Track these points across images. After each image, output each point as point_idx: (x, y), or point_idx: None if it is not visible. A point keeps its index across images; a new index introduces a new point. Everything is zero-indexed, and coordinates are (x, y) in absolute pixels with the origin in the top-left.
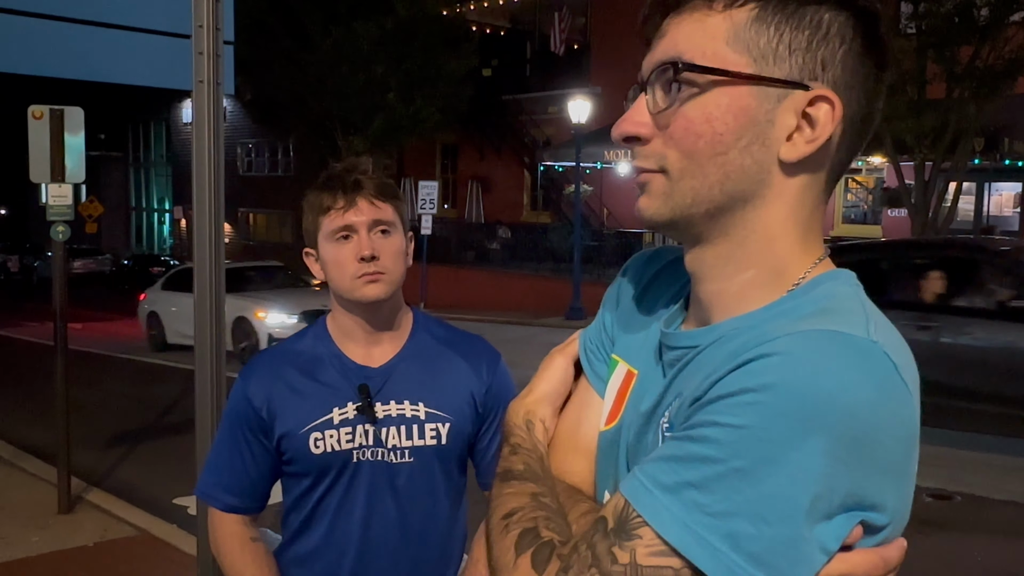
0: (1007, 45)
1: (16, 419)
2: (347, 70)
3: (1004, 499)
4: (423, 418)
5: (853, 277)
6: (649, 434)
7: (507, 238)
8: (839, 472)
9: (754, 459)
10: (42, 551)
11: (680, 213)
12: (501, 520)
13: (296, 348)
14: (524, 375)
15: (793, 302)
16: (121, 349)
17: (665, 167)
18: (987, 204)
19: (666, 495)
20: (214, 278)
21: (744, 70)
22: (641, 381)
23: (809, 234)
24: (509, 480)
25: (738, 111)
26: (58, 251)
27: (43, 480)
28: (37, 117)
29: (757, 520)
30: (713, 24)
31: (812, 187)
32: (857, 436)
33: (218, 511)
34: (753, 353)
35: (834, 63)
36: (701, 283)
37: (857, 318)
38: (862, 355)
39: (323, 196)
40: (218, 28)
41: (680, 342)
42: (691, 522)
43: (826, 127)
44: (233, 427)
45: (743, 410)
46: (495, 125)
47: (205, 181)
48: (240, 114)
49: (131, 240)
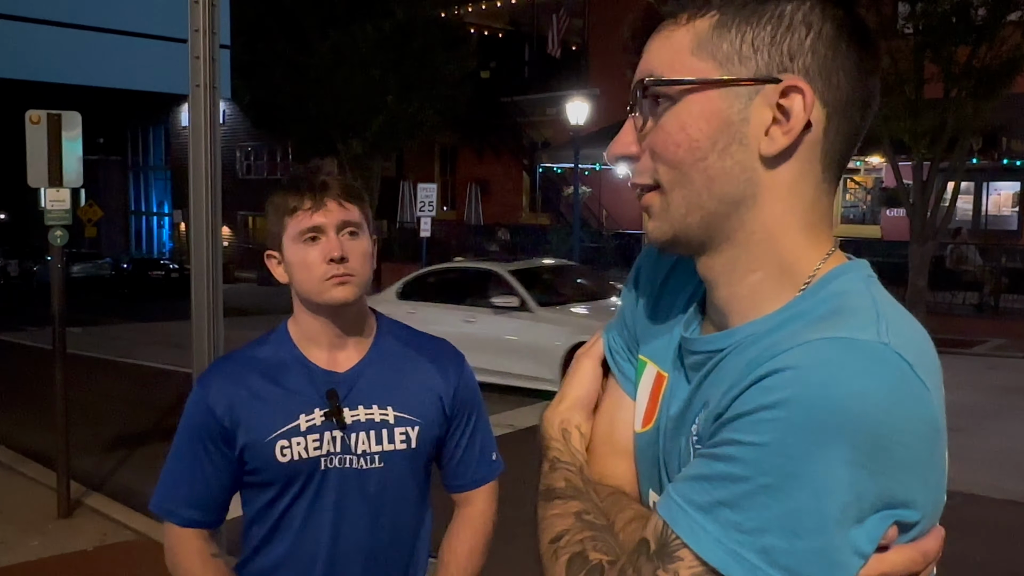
0: (1004, 45)
1: (15, 423)
2: (345, 73)
3: (1003, 499)
4: (392, 422)
5: (866, 267)
6: (680, 439)
7: (507, 240)
8: (862, 478)
9: (778, 475)
10: (41, 555)
11: (679, 226)
12: (549, 545)
13: (257, 354)
14: None
15: (805, 303)
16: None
17: (658, 180)
18: (985, 203)
19: (701, 515)
20: (211, 282)
21: (710, 75)
22: (670, 386)
23: (813, 228)
24: (552, 499)
25: (710, 115)
26: (56, 256)
27: (42, 484)
28: (35, 122)
29: (788, 534)
30: (678, 37)
31: (805, 178)
32: (876, 440)
33: (176, 526)
34: (766, 368)
35: (803, 52)
36: (714, 289)
37: (867, 319)
38: (873, 360)
39: (289, 197)
40: (214, 32)
41: (700, 347)
42: (727, 540)
43: (799, 115)
44: (192, 437)
45: (762, 427)
46: (494, 127)
47: (202, 185)
48: (239, 117)
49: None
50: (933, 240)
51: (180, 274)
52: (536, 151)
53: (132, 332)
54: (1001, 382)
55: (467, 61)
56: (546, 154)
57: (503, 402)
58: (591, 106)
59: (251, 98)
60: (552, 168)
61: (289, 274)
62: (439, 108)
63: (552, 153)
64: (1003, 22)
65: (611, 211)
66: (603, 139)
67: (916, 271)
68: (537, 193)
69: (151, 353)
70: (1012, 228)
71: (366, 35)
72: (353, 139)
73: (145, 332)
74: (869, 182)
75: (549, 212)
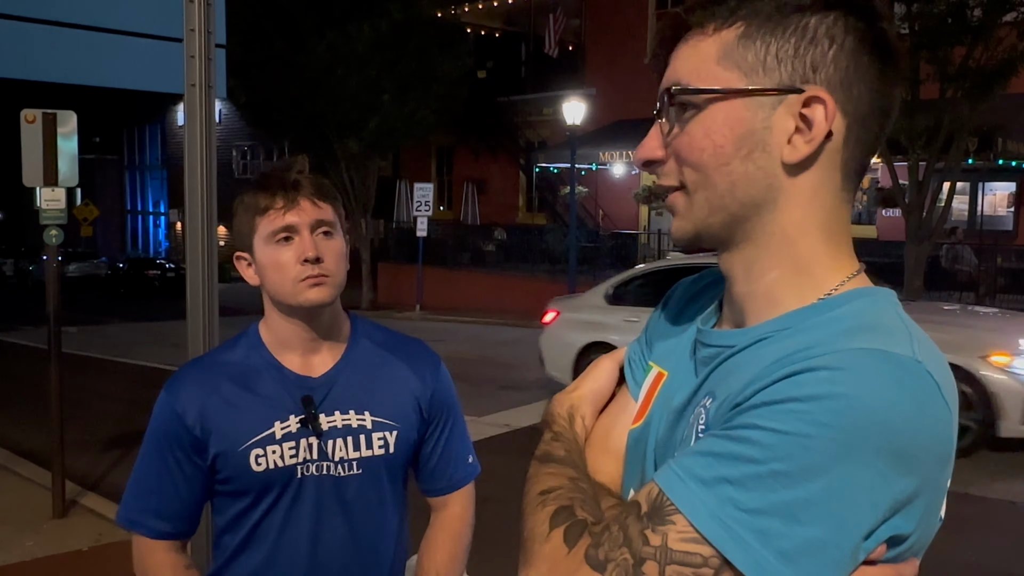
0: (1000, 45)
1: (10, 423)
2: (342, 72)
3: (1000, 498)
4: (370, 427)
5: (893, 296)
6: (679, 429)
7: (503, 240)
8: (878, 485)
9: (794, 464)
10: (36, 555)
11: (701, 225)
12: (538, 495)
13: (227, 359)
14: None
15: (830, 312)
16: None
17: (683, 182)
18: (981, 204)
19: (701, 487)
20: (207, 281)
21: (735, 85)
22: (671, 380)
23: (833, 236)
24: (548, 462)
25: (734, 123)
26: (51, 255)
27: (37, 484)
28: (30, 121)
29: (790, 520)
30: (705, 47)
31: (825, 186)
32: (898, 452)
33: (146, 538)
34: (801, 365)
35: (825, 64)
36: (733, 285)
37: (901, 336)
38: (907, 374)
39: (260, 196)
40: (209, 31)
41: (716, 340)
42: (723, 515)
43: (821, 125)
44: (160, 446)
45: (787, 417)
46: (490, 127)
47: (198, 184)
48: (235, 117)
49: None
50: (929, 240)
51: (176, 273)
52: (532, 151)
53: (128, 331)
54: None
55: (464, 61)
56: (542, 154)
57: (498, 401)
58: (587, 106)
59: (247, 98)
60: (548, 168)
61: (261, 276)
62: (436, 108)
63: (549, 153)
64: (998, 22)
65: (607, 211)
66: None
67: (912, 271)
68: (533, 193)
69: (147, 352)
70: (1007, 228)
71: (362, 35)
72: (349, 138)
73: (141, 331)
74: (865, 182)
75: (545, 212)
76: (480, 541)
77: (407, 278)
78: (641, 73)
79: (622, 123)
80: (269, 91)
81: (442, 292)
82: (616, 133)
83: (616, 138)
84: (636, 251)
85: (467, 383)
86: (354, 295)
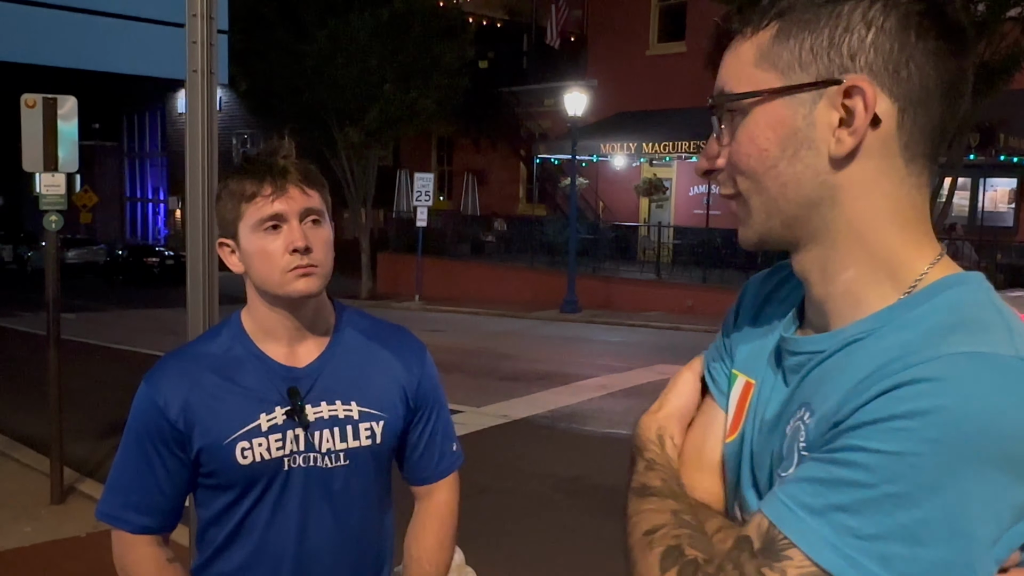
0: (1003, 41)
1: (9, 409)
2: (343, 61)
3: None
4: (357, 418)
5: (983, 280)
6: (774, 442)
7: (503, 231)
8: (998, 496)
9: (908, 485)
10: (35, 541)
11: (764, 230)
12: (644, 536)
13: (210, 350)
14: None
15: (919, 309)
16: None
17: (739, 190)
18: (982, 200)
19: (813, 518)
20: (207, 269)
21: (772, 85)
22: (761, 390)
23: (908, 224)
24: (647, 496)
25: (775, 124)
26: (51, 241)
27: (36, 470)
28: (30, 106)
29: (911, 543)
30: (743, 51)
31: (886, 174)
32: (1012, 458)
33: (127, 533)
34: (901, 378)
35: (864, 50)
36: (811, 287)
37: (1001, 333)
38: (1012, 376)
39: (247, 182)
40: (212, 17)
41: (802, 347)
42: (842, 545)
43: (861, 115)
44: (141, 440)
45: (895, 436)
46: (491, 117)
47: (199, 171)
48: (235, 104)
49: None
50: None
51: (175, 261)
52: (533, 142)
53: (126, 319)
54: None
55: (465, 51)
56: (543, 145)
57: (497, 392)
58: (589, 97)
59: (248, 85)
60: (549, 159)
61: (246, 264)
62: (436, 98)
63: (549, 144)
64: (1002, 18)
65: (608, 203)
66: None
67: None
68: (534, 184)
69: (146, 340)
70: (1008, 224)
71: (364, 23)
72: (350, 128)
73: (139, 319)
74: None
75: (546, 203)
76: (478, 531)
77: (406, 268)
78: (643, 65)
79: (623, 115)
80: (270, 79)
81: (441, 282)
82: (617, 125)
83: (617, 130)
84: (636, 244)
85: (466, 374)
86: (353, 285)
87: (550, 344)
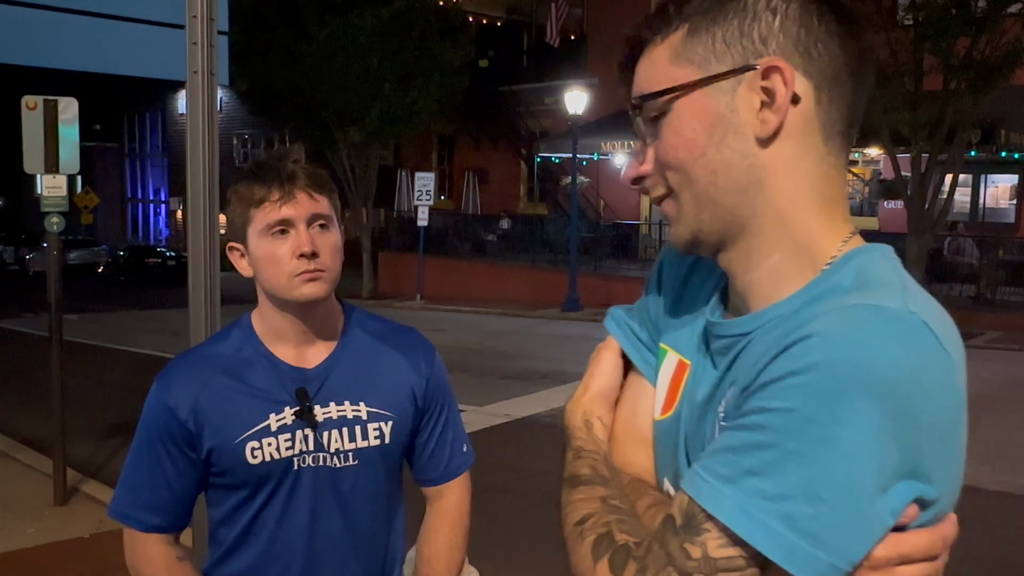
0: (1004, 37)
1: (11, 410)
2: (343, 61)
3: (1000, 490)
4: (365, 418)
5: (889, 251)
6: (706, 424)
7: (505, 229)
8: (888, 443)
9: (805, 440)
10: (38, 542)
11: (695, 224)
12: (575, 527)
13: (220, 351)
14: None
15: (829, 281)
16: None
17: (670, 186)
18: (983, 196)
19: (726, 485)
20: (209, 270)
21: (690, 79)
22: (694, 372)
23: (828, 205)
24: (577, 486)
25: (700, 114)
26: (52, 242)
27: (39, 472)
28: (31, 108)
29: (813, 499)
30: (657, 54)
31: (808, 152)
32: (902, 406)
33: (138, 532)
34: (794, 336)
35: (773, 34)
36: (734, 279)
37: (894, 290)
38: (900, 326)
39: (255, 187)
40: (212, 18)
41: (727, 331)
42: (751, 508)
43: (783, 91)
44: (152, 440)
45: (789, 393)
46: (491, 116)
47: (200, 172)
48: (236, 105)
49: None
50: (930, 232)
51: (177, 261)
52: (534, 140)
53: (128, 319)
54: (998, 375)
55: (465, 50)
56: (544, 144)
57: (499, 391)
58: (589, 95)
59: (249, 85)
60: (550, 158)
61: (255, 268)
62: (437, 97)
63: (550, 143)
64: (1003, 14)
65: (609, 201)
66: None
67: (913, 263)
68: (535, 183)
69: (148, 340)
70: (1009, 221)
71: (364, 23)
72: (351, 127)
73: (141, 319)
74: (867, 174)
75: (546, 202)
76: (480, 529)
77: (408, 267)
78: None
79: (624, 113)
80: (270, 79)
81: (443, 282)
82: (618, 123)
83: (618, 128)
84: (637, 242)
85: (468, 373)
86: (355, 284)
87: (552, 343)
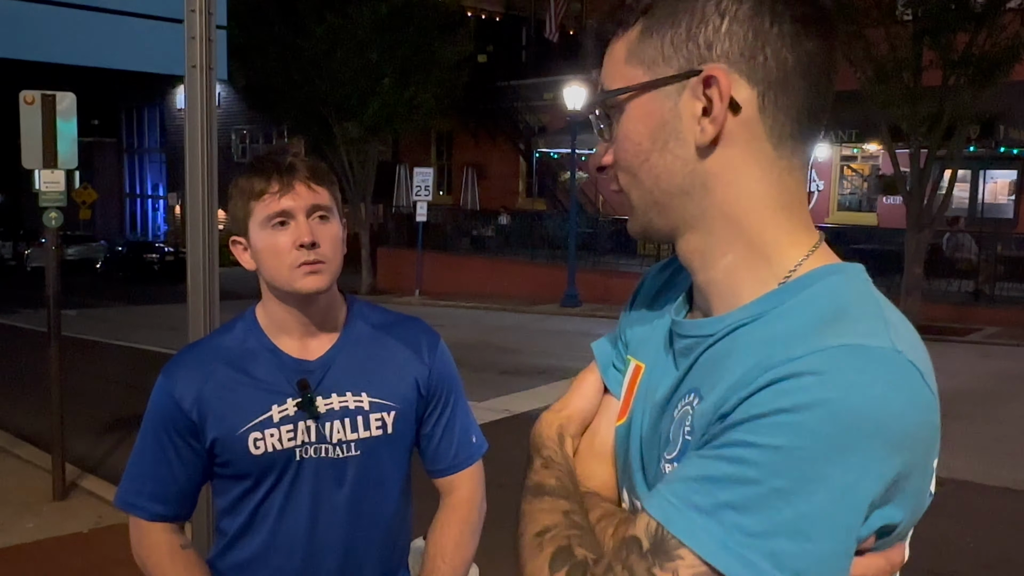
0: (1003, 32)
1: (10, 406)
2: (342, 56)
3: (997, 486)
4: (367, 408)
5: (860, 270)
6: (663, 423)
7: (503, 225)
8: (876, 483)
9: (793, 479)
10: (37, 538)
11: (643, 221)
12: (535, 537)
13: (224, 343)
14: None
15: (799, 296)
16: None
17: (621, 186)
18: (982, 191)
19: (703, 517)
20: (208, 265)
21: (640, 80)
22: (650, 372)
23: (783, 209)
24: (542, 495)
25: (645, 117)
26: (51, 237)
27: (37, 467)
28: (29, 102)
29: (799, 538)
30: (616, 50)
31: (754, 158)
32: (891, 447)
33: (143, 520)
34: (784, 371)
35: (719, 39)
36: (694, 274)
37: (877, 324)
38: (890, 368)
39: (255, 180)
40: (211, 13)
41: (690, 331)
42: (732, 543)
43: (717, 102)
44: (157, 431)
45: (779, 430)
46: (490, 112)
47: (198, 167)
48: (234, 100)
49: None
50: (929, 228)
51: (175, 257)
52: (533, 136)
53: (127, 315)
54: (996, 370)
55: (464, 45)
56: (543, 139)
57: (499, 387)
58: (589, 91)
59: (247, 80)
60: (549, 153)
61: (257, 261)
62: (436, 92)
63: (549, 138)
64: (1002, 9)
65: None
66: None
67: (912, 259)
68: (533, 178)
69: (146, 336)
70: (1008, 216)
71: (363, 18)
72: (349, 122)
73: (140, 315)
74: (866, 169)
75: (545, 197)
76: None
77: (406, 263)
78: None
79: None
80: (269, 74)
81: (441, 277)
82: None
83: None
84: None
85: (467, 368)
86: (353, 280)
87: (551, 338)
